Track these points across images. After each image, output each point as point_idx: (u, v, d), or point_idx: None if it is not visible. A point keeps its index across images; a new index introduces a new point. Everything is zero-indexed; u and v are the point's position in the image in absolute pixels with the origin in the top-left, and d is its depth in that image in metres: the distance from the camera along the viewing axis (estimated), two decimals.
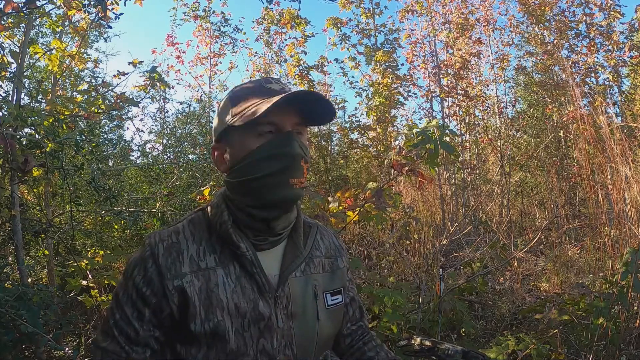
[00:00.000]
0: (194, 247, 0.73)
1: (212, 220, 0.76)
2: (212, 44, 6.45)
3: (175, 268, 0.70)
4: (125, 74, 2.47)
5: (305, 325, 0.75)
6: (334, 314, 0.80)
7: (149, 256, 0.71)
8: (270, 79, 0.77)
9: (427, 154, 1.92)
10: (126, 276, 0.73)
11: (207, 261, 0.72)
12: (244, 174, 0.72)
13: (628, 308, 1.98)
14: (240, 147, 0.73)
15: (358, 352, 0.88)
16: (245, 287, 0.72)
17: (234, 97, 0.76)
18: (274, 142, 0.71)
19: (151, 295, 0.70)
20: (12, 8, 1.80)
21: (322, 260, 0.83)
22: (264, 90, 0.74)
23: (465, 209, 5.35)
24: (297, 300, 0.75)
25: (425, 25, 6.28)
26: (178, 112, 6.42)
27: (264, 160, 0.71)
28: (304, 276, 0.78)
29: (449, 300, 2.41)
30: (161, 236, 0.74)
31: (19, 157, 1.78)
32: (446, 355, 0.96)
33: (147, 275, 0.71)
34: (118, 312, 0.71)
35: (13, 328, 1.48)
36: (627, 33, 5.88)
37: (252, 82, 0.78)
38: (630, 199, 2.76)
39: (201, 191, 2.39)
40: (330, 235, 0.91)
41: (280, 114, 0.71)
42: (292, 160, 0.71)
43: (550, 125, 5.73)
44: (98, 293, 2.24)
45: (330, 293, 0.81)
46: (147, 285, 0.70)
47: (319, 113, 0.75)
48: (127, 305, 0.71)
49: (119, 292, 0.73)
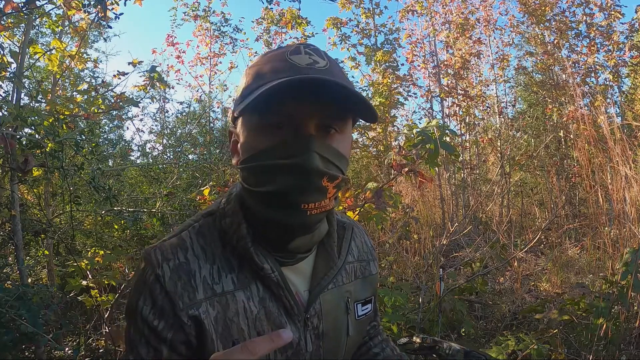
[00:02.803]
0: (206, 267, 0.58)
1: (228, 231, 0.60)
2: (212, 44, 6.45)
3: (187, 295, 0.56)
4: (125, 74, 2.47)
5: (335, 343, 0.66)
6: (362, 325, 0.71)
7: (154, 281, 0.56)
8: (302, 46, 0.56)
9: (427, 154, 1.92)
10: (131, 308, 0.58)
11: (224, 284, 0.58)
12: (249, 181, 0.58)
13: (628, 308, 1.98)
14: (245, 140, 0.57)
15: (364, 347, 0.81)
16: (271, 312, 0.59)
17: (251, 68, 0.59)
18: (279, 149, 0.52)
19: (165, 329, 0.56)
20: (12, 8, 1.80)
21: (354, 265, 0.72)
22: (285, 64, 0.54)
23: (465, 209, 5.35)
24: (329, 317, 0.64)
25: (425, 25, 6.29)
26: (178, 112, 6.44)
27: (267, 172, 0.54)
28: (336, 288, 0.66)
29: (449, 300, 2.41)
30: (164, 254, 0.58)
31: (19, 157, 1.78)
32: (447, 354, 0.96)
33: (156, 305, 0.56)
34: (132, 354, 0.57)
35: (13, 328, 1.48)
36: (627, 33, 5.89)
37: (276, 51, 0.58)
38: (631, 199, 2.76)
39: (201, 191, 2.39)
40: (363, 234, 0.78)
41: (297, 104, 0.51)
42: (304, 180, 0.52)
43: (550, 125, 5.73)
44: (98, 293, 2.24)
45: (361, 303, 0.70)
46: (159, 317, 0.56)
47: (358, 107, 0.55)
48: (141, 344, 0.56)
49: (129, 329, 0.59)
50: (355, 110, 0.56)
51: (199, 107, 6.38)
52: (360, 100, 0.53)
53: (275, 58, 0.56)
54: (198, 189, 2.84)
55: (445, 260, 3.60)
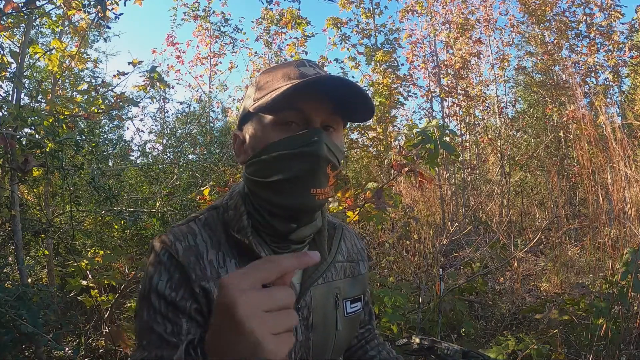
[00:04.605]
0: (212, 252, 0.64)
1: (230, 223, 0.66)
2: (212, 44, 6.47)
3: (199, 268, 0.61)
4: (125, 74, 2.47)
5: (323, 336, 0.69)
6: (351, 322, 0.75)
7: (169, 257, 0.61)
8: (306, 61, 0.66)
9: (427, 154, 1.92)
10: (143, 292, 0.61)
11: (228, 267, 0.63)
12: (259, 174, 0.63)
13: (628, 308, 1.98)
14: (258, 136, 0.63)
15: (360, 350, 0.85)
16: None
17: (259, 79, 0.66)
18: (295, 139, 0.60)
19: (183, 300, 0.59)
20: (12, 8, 1.80)
21: (344, 264, 0.76)
22: (294, 73, 0.63)
23: (465, 209, 5.35)
24: (318, 310, 0.68)
25: (425, 25, 6.29)
26: (178, 112, 6.44)
27: (282, 160, 0.60)
28: (325, 283, 0.71)
29: (449, 300, 2.41)
30: (175, 235, 0.64)
31: (19, 157, 1.78)
32: (445, 355, 0.96)
33: (173, 278, 0.60)
34: (145, 338, 0.58)
35: (13, 328, 1.48)
36: (627, 33, 5.89)
37: (283, 64, 0.67)
38: (631, 198, 2.76)
39: (201, 191, 2.40)
40: (353, 236, 0.83)
41: (308, 103, 0.60)
42: (316, 165, 0.59)
43: (550, 125, 5.73)
44: (98, 293, 2.24)
45: (350, 300, 0.74)
46: (176, 289, 0.59)
47: (356, 108, 0.63)
48: (157, 322, 0.58)
49: (142, 314, 0.60)
50: (358, 103, 0.63)
51: (199, 107, 6.38)
52: (362, 95, 0.60)
53: (284, 69, 0.65)
54: (198, 189, 2.85)
55: (445, 260, 3.60)
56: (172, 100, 12.70)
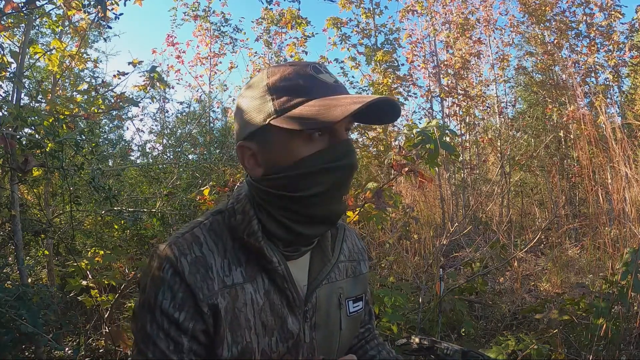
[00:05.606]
0: (218, 260, 0.62)
1: (238, 228, 0.64)
2: (212, 44, 6.46)
3: (207, 287, 0.60)
4: (125, 74, 2.47)
5: (328, 336, 0.70)
6: (354, 322, 0.75)
7: (173, 275, 0.59)
8: (318, 66, 0.63)
9: (427, 154, 1.92)
10: (147, 304, 0.60)
11: (234, 276, 0.62)
12: (288, 189, 0.60)
13: (628, 308, 1.98)
14: (283, 151, 0.60)
15: (360, 350, 0.85)
16: (275, 304, 0.64)
17: (274, 84, 0.61)
18: (331, 153, 0.59)
19: (186, 320, 0.59)
20: (12, 8, 1.80)
21: (346, 264, 0.77)
22: (318, 82, 0.60)
23: (465, 209, 5.35)
24: (322, 310, 0.69)
25: (425, 25, 6.28)
26: (178, 112, 6.43)
27: (318, 174, 0.59)
28: (329, 284, 0.71)
29: (449, 300, 2.41)
30: (180, 249, 0.61)
31: (19, 157, 1.78)
32: (445, 355, 0.96)
33: (176, 297, 0.58)
34: (150, 350, 0.58)
35: (13, 328, 1.48)
36: (627, 33, 5.88)
37: (293, 66, 0.62)
38: (631, 198, 2.76)
39: (201, 191, 2.39)
40: (354, 236, 0.84)
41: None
42: (349, 175, 0.62)
43: (551, 125, 5.73)
44: (98, 293, 2.23)
45: (352, 300, 0.75)
46: (180, 309, 0.58)
47: (385, 117, 0.65)
48: (160, 338, 0.58)
49: (145, 325, 0.59)
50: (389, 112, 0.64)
51: (199, 107, 6.38)
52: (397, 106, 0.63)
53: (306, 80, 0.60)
54: (198, 189, 2.84)
55: (445, 260, 3.60)
56: (172, 100, 12.69)
